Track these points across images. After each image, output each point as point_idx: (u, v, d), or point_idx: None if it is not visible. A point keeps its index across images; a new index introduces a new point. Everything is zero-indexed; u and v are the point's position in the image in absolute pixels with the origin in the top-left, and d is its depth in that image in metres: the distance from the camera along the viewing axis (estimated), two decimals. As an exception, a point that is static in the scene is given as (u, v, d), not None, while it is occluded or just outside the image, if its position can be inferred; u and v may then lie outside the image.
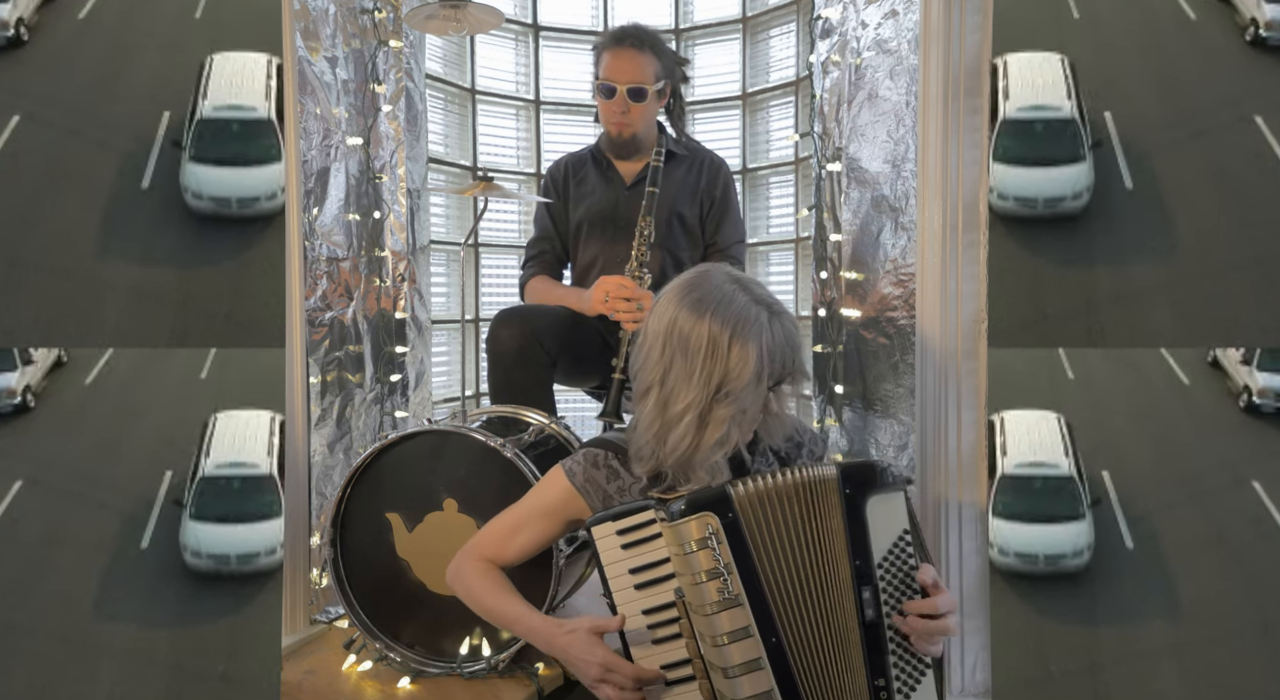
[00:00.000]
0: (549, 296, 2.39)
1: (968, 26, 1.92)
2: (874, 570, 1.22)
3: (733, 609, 1.18)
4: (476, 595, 1.47)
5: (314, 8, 2.25)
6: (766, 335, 1.25)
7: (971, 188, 1.93)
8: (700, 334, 1.24)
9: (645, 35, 2.32)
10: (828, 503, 1.22)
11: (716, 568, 1.17)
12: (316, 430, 2.25)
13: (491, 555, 1.50)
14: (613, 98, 2.30)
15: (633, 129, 2.34)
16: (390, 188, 2.60)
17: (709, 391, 1.25)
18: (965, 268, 1.95)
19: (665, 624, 1.24)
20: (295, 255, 2.03)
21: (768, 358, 1.24)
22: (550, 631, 1.34)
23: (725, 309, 1.25)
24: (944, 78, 1.95)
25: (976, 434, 1.94)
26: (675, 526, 1.18)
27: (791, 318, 1.31)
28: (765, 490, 1.21)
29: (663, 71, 2.34)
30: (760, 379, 1.25)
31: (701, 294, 1.27)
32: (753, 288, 1.30)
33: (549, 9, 3.31)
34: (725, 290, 1.27)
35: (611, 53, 2.31)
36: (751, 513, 1.20)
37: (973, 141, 1.92)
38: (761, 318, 1.25)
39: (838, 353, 2.55)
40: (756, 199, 3.19)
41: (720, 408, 1.25)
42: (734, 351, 1.23)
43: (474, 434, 1.80)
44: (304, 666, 1.93)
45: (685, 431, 1.27)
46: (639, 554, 1.25)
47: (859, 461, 1.28)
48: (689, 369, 1.25)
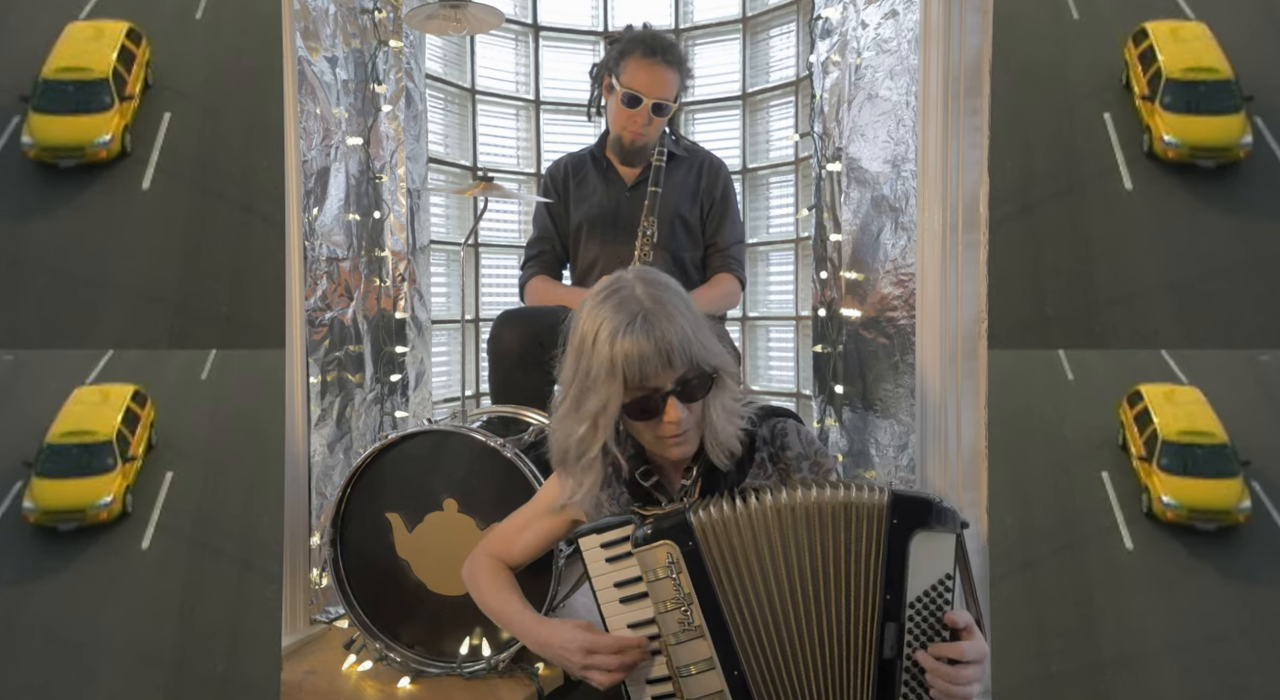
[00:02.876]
0: (550, 297, 2.39)
1: (968, 26, 1.92)
2: (904, 608, 1.15)
3: (696, 640, 1.16)
4: (481, 591, 1.48)
5: (314, 8, 2.25)
6: (624, 333, 1.20)
7: (971, 188, 1.93)
8: (579, 328, 1.25)
9: (676, 53, 2.33)
10: (861, 530, 1.17)
11: (678, 597, 1.16)
12: (316, 430, 2.25)
13: (499, 552, 1.51)
14: (636, 108, 2.30)
15: (646, 139, 2.35)
16: (390, 188, 2.60)
17: (579, 386, 1.24)
18: (965, 268, 1.95)
19: (650, 639, 1.22)
20: (295, 255, 2.03)
21: (621, 354, 1.19)
22: (535, 627, 1.35)
23: (603, 305, 1.24)
24: (944, 78, 1.95)
25: (976, 434, 1.94)
26: (641, 553, 1.18)
27: (674, 320, 1.22)
28: (734, 517, 1.17)
29: (681, 87, 2.36)
30: (613, 375, 1.20)
31: (600, 290, 1.27)
32: (651, 287, 1.26)
33: (549, 9, 3.31)
34: (617, 287, 1.26)
35: (642, 64, 2.29)
36: (716, 541, 1.17)
37: (973, 141, 1.92)
38: (629, 311, 1.21)
39: (838, 353, 2.55)
40: (756, 199, 3.19)
41: (586, 403, 1.24)
42: (598, 345, 1.21)
43: (474, 434, 1.80)
44: (304, 666, 1.93)
45: (559, 425, 1.29)
46: (622, 569, 1.22)
47: (915, 495, 1.21)
48: (571, 362, 1.26)
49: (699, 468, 1.33)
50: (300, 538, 2.10)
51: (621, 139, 2.37)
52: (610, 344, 1.20)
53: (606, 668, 1.22)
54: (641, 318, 1.21)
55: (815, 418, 2.68)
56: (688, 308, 1.27)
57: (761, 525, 1.18)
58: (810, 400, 2.75)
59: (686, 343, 1.22)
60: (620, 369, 1.20)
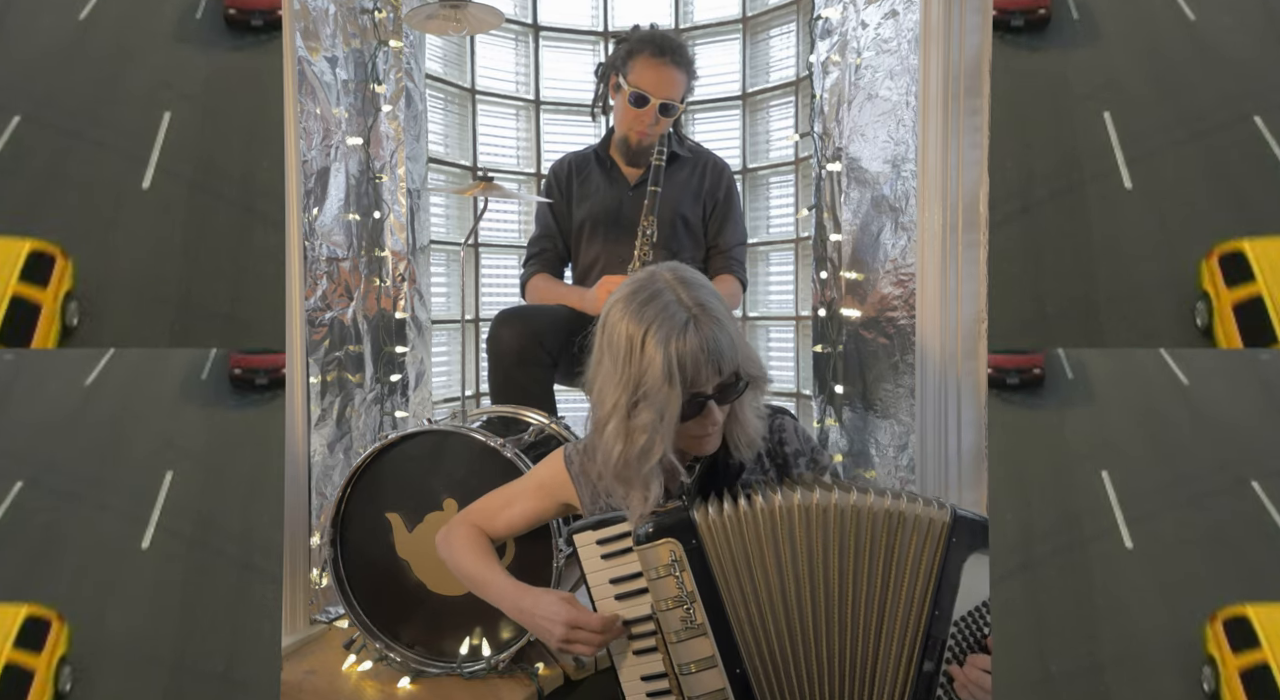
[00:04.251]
0: (551, 295, 2.39)
1: (968, 26, 1.92)
2: (949, 626, 1.16)
3: (698, 638, 1.16)
4: (457, 558, 1.46)
5: (314, 8, 2.25)
6: (679, 339, 1.16)
7: (971, 188, 1.93)
8: (622, 333, 1.19)
9: (684, 54, 2.33)
10: (911, 541, 1.17)
11: (680, 595, 1.16)
12: (316, 430, 2.25)
13: (482, 523, 1.50)
14: (644, 107, 2.29)
15: (652, 139, 2.35)
16: (390, 188, 2.60)
17: (629, 394, 1.18)
18: (965, 268, 1.95)
19: (644, 636, 1.22)
20: (295, 255, 2.03)
21: (676, 361, 1.16)
22: (517, 595, 1.33)
23: (646, 308, 1.19)
24: (944, 78, 1.96)
25: (976, 434, 1.94)
26: (642, 550, 1.18)
27: (723, 325, 1.21)
28: (738, 517, 1.17)
29: (688, 89, 2.36)
30: (671, 382, 1.16)
31: (635, 291, 1.22)
32: (692, 290, 1.22)
33: (549, 9, 3.31)
34: (656, 289, 1.21)
35: (650, 63, 2.29)
36: (721, 540, 1.17)
37: (973, 142, 1.92)
38: (679, 318, 1.17)
39: (838, 353, 2.55)
40: (756, 199, 3.19)
41: (641, 413, 1.18)
42: (647, 351, 1.17)
43: (474, 434, 1.80)
44: (304, 666, 1.93)
45: (612, 438, 1.21)
46: (618, 565, 1.22)
47: (976, 517, 1.21)
48: (614, 369, 1.20)
49: (700, 464, 1.33)
50: (300, 538, 2.10)
51: (628, 139, 2.37)
52: (663, 349, 1.16)
53: (589, 644, 1.22)
54: (693, 323, 1.17)
55: (815, 418, 2.68)
56: (726, 310, 1.25)
57: (768, 524, 1.18)
58: (810, 400, 2.75)
59: (733, 348, 1.20)
60: (677, 378, 1.16)
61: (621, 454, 1.21)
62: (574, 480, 1.42)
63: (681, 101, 2.35)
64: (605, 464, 1.24)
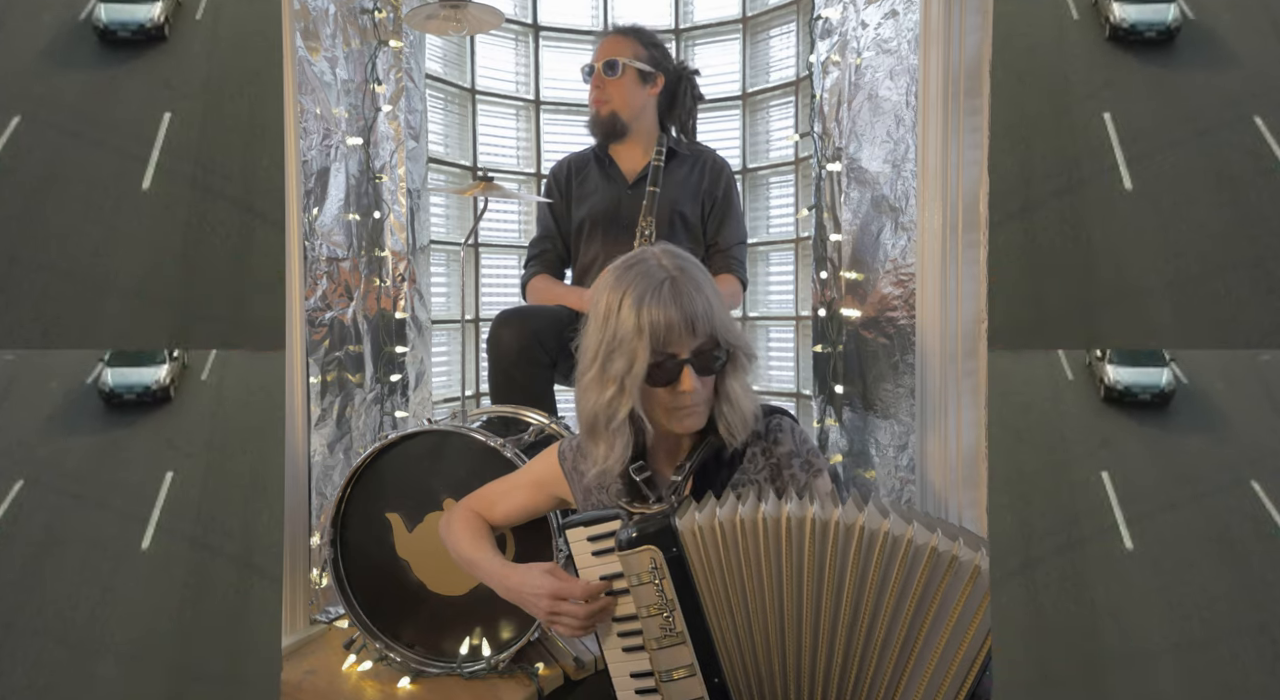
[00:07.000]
0: (551, 295, 2.39)
1: (968, 26, 1.92)
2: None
3: (678, 646, 1.16)
4: (454, 540, 1.51)
5: (314, 8, 2.25)
6: (652, 295, 1.22)
7: (971, 187, 1.93)
8: (604, 296, 1.27)
9: (630, 26, 2.44)
10: (928, 570, 1.16)
11: (660, 603, 1.16)
12: (316, 430, 2.25)
13: (481, 509, 1.56)
14: (591, 76, 2.40)
15: (610, 106, 2.37)
16: (390, 188, 2.60)
17: (606, 347, 1.25)
18: (965, 268, 1.95)
19: (633, 634, 1.22)
20: (295, 255, 2.03)
21: (648, 313, 1.21)
22: (505, 572, 1.37)
23: (627, 272, 1.26)
24: (944, 78, 1.95)
25: (976, 434, 1.94)
26: (625, 556, 1.18)
27: (700, 289, 1.26)
28: (722, 526, 1.16)
29: (647, 57, 2.39)
30: (640, 333, 1.22)
31: (622, 262, 1.30)
32: (677, 259, 1.29)
33: (549, 9, 3.31)
34: (641, 257, 1.29)
35: (597, 44, 2.44)
36: (701, 548, 1.16)
37: (972, 141, 1.92)
38: (656, 277, 1.24)
39: (838, 353, 2.55)
40: (756, 199, 3.19)
41: (614, 361, 1.24)
42: (623, 307, 1.23)
43: (474, 434, 1.80)
44: (304, 666, 1.93)
45: (588, 388, 1.28)
46: (607, 563, 1.22)
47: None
48: (595, 329, 1.28)
49: (691, 462, 1.33)
50: (300, 538, 2.10)
51: (592, 115, 2.42)
52: (637, 308, 1.22)
53: (574, 616, 1.23)
54: (669, 283, 1.23)
55: (815, 418, 2.68)
56: (709, 282, 1.30)
57: (752, 535, 1.16)
58: (810, 400, 2.75)
59: (709, 312, 1.25)
60: (647, 330, 1.21)
61: (592, 406, 1.28)
62: (567, 476, 1.44)
63: (636, 61, 2.37)
64: (580, 418, 1.32)
